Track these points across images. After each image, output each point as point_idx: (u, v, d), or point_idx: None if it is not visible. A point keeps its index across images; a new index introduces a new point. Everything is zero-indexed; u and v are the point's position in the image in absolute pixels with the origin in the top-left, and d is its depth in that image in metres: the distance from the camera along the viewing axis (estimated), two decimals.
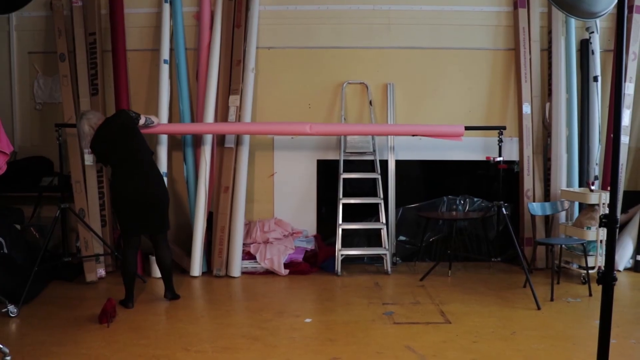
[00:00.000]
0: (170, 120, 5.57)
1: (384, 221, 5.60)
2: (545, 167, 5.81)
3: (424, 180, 6.09)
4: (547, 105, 5.75)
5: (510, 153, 5.85)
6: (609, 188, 5.02)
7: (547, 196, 5.75)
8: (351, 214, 5.66)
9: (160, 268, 4.69)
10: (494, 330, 3.97)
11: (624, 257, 5.52)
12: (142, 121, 4.60)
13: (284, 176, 5.90)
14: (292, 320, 4.21)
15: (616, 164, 2.39)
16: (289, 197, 5.91)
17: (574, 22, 5.70)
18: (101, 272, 5.28)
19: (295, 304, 4.59)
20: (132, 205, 4.36)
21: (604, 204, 5.05)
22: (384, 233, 5.57)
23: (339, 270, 5.45)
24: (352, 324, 4.10)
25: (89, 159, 5.37)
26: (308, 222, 5.92)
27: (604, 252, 4.93)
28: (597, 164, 5.70)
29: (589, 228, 5.09)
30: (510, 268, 5.65)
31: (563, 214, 5.63)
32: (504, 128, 5.35)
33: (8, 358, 3.42)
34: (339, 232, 5.51)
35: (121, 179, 4.38)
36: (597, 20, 5.57)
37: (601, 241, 5.09)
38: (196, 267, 5.39)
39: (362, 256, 5.81)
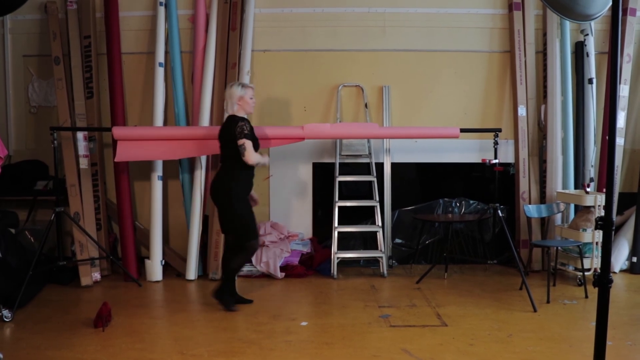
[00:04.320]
0: (165, 123, 5.56)
1: (380, 224, 5.59)
2: (541, 169, 5.82)
3: (420, 182, 6.09)
4: (543, 107, 5.76)
5: (506, 155, 5.86)
6: (604, 190, 5.04)
7: (542, 198, 5.76)
8: (347, 216, 5.65)
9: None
10: (491, 332, 3.97)
11: (619, 258, 5.53)
12: (241, 142, 4.29)
13: (280, 179, 5.89)
14: (288, 323, 4.20)
15: (611, 165, 2.40)
16: (285, 200, 5.90)
17: (568, 24, 5.72)
18: (96, 275, 5.25)
19: (291, 307, 4.58)
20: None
21: (599, 206, 5.06)
22: (379, 236, 5.57)
23: (335, 273, 5.44)
24: (348, 327, 4.09)
25: (84, 162, 5.36)
26: (304, 225, 5.91)
27: (599, 254, 4.94)
28: (592, 166, 5.72)
29: (584, 230, 5.09)
30: (506, 270, 5.65)
31: (559, 216, 5.64)
32: (500, 130, 5.36)
33: None
34: (335, 234, 5.50)
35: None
36: (592, 23, 5.58)
37: (597, 243, 5.10)
38: (192, 270, 5.37)
39: (358, 259, 5.80)
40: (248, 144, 4.33)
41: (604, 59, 5.84)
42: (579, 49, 5.76)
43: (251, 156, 4.36)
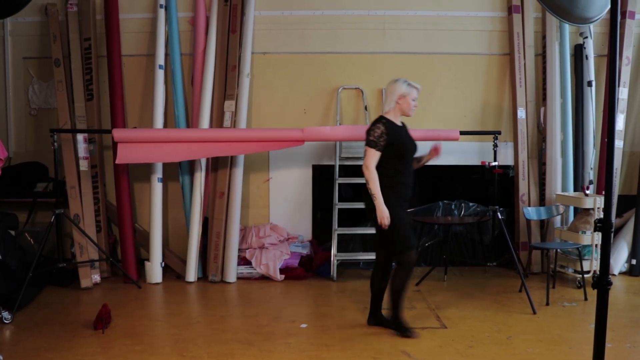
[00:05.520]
0: (165, 126, 5.56)
1: None
2: (540, 171, 5.83)
3: (420, 185, 6.04)
4: (542, 109, 5.77)
5: (506, 157, 5.86)
6: (603, 192, 5.05)
7: (542, 200, 5.76)
8: (347, 219, 5.65)
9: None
10: (490, 334, 3.97)
11: (618, 261, 5.53)
12: (365, 149, 3.97)
13: (280, 181, 5.90)
14: (288, 325, 4.20)
15: (610, 168, 2.40)
16: (285, 203, 5.90)
17: (568, 27, 5.73)
18: (96, 277, 5.25)
19: (291, 309, 4.58)
20: None
21: (598, 208, 5.07)
22: None
23: (335, 275, 5.44)
24: (348, 329, 4.09)
25: (84, 164, 5.37)
26: (304, 227, 5.92)
27: (599, 257, 4.95)
28: (591, 168, 5.72)
29: (584, 232, 5.10)
30: (505, 272, 5.66)
31: (558, 219, 5.65)
32: (499, 133, 5.36)
33: None
34: (335, 237, 5.50)
35: None
36: (591, 26, 5.60)
37: (596, 245, 5.11)
38: (191, 272, 5.37)
39: (357, 261, 5.80)
40: (370, 152, 3.90)
41: (603, 61, 5.85)
42: (578, 52, 5.77)
43: (367, 168, 3.89)
